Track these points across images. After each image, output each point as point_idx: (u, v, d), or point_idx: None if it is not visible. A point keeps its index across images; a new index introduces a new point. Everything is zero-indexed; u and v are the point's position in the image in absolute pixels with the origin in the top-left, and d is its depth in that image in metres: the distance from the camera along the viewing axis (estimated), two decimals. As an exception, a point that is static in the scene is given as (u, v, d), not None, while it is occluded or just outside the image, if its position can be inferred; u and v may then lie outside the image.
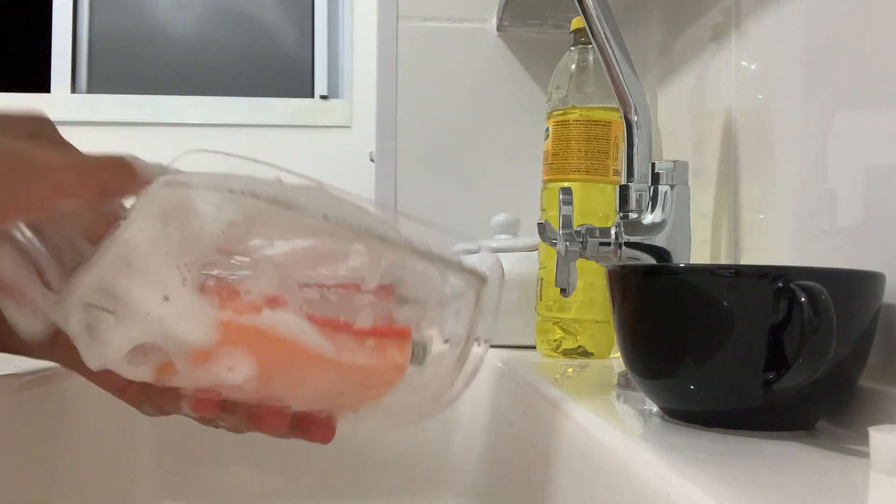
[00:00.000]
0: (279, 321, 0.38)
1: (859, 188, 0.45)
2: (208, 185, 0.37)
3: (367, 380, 0.42)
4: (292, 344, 0.38)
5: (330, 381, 0.41)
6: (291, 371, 0.40)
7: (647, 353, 0.42)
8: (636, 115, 0.57)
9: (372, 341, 0.41)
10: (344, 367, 0.40)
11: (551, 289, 0.73)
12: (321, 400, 0.43)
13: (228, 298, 0.38)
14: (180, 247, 0.37)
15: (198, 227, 0.37)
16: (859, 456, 0.34)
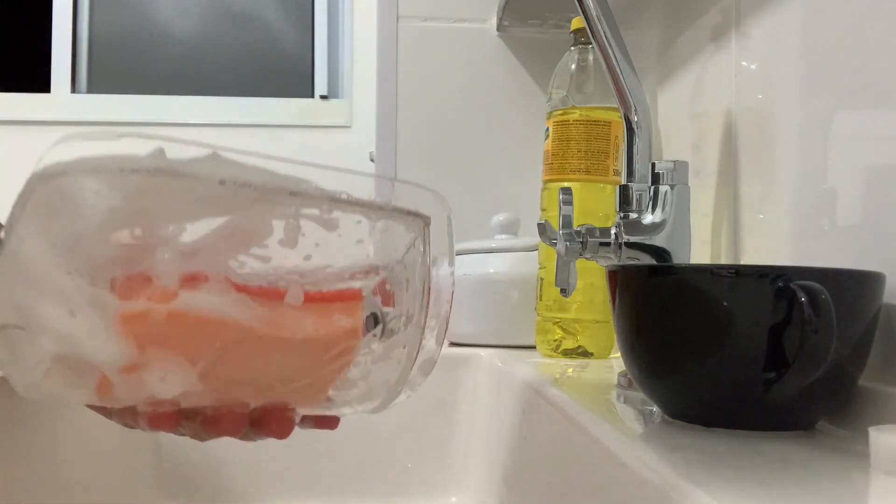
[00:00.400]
0: (202, 300, 0.34)
1: (859, 188, 0.45)
2: (85, 170, 0.32)
3: (320, 352, 0.38)
4: (224, 323, 0.34)
5: (279, 361, 0.37)
6: (233, 356, 0.36)
7: (647, 353, 0.42)
8: (636, 115, 0.57)
9: (313, 307, 0.36)
10: (289, 342, 0.36)
11: (551, 289, 0.73)
12: (280, 386, 0.39)
13: (141, 287, 0.33)
14: (70, 250, 0.33)
15: (82, 222, 0.33)
16: (859, 456, 0.34)
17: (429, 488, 0.78)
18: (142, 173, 0.32)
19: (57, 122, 2.20)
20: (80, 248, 0.33)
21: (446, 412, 0.79)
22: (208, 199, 0.34)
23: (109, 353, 0.33)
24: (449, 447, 0.78)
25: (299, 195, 0.35)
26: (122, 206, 0.32)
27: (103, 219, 0.32)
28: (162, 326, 0.34)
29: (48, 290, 0.33)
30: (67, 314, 0.33)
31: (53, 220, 0.33)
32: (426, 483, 0.78)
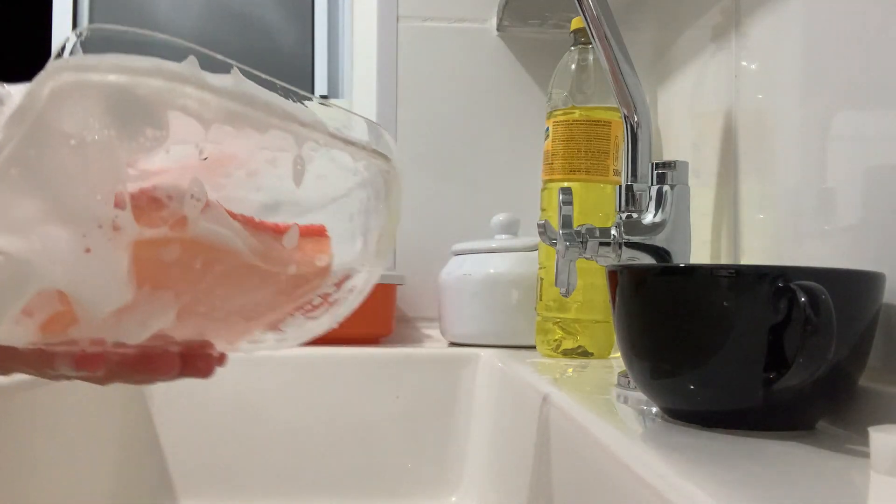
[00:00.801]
0: (210, 228, 0.32)
1: (859, 188, 0.45)
2: (113, 68, 0.29)
3: (294, 287, 0.37)
4: (226, 252, 0.33)
5: (256, 295, 0.36)
6: (219, 290, 0.34)
7: (647, 353, 0.42)
8: (636, 115, 0.57)
9: (294, 240, 0.36)
10: (274, 276, 0.35)
11: (551, 289, 0.73)
12: (242, 321, 0.38)
13: (152, 209, 0.31)
14: (94, 163, 0.29)
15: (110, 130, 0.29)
16: (859, 456, 0.34)
17: (429, 488, 0.78)
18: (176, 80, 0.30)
19: (57, 122, 2.20)
20: (107, 165, 0.29)
21: (446, 412, 0.79)
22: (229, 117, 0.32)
23: (111, 293, 0.30)
24: (449, 447, 0.78)
25: (309, 127, 0.34)
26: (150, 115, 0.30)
27: (128, 128, 0.30)
28: (174, 256, 0.32)
29: (65, 210, 0.29)
30: (81, 242, 0.29)
31: (85, 123, 0.29)
32: (426, 483, 0.78)
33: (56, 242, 0.29)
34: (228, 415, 0.77)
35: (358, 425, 0.78)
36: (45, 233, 0.29)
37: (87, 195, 0.29)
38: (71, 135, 0.29)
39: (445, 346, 0.87)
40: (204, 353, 0.39)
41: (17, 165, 0.28)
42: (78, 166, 0.29)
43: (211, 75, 0.31)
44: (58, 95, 0.28)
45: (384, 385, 0.79)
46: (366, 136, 0.37)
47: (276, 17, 2.43)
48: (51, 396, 0.58)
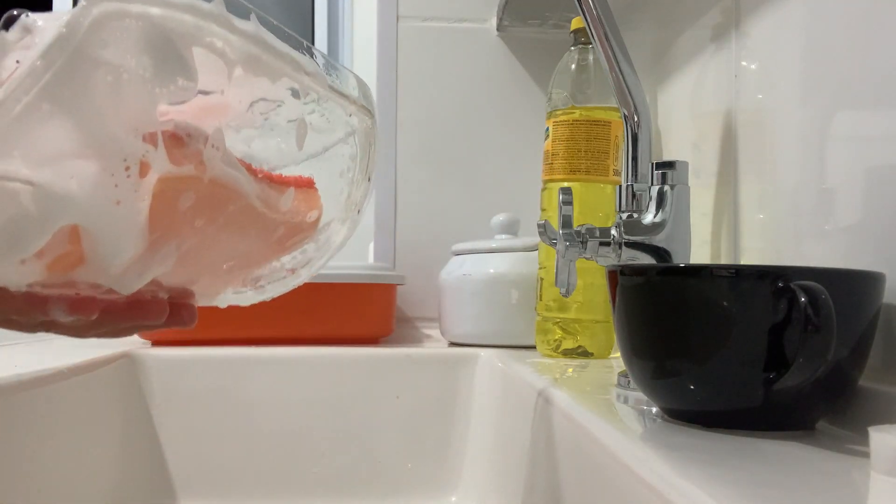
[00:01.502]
0: (224, 168, 0.32)
1: (859, 188, 0.45)
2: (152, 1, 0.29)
3: (286, 237, 0.37)
4: (238, 195, 0.33)
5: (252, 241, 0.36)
6: (221, 235, 0.34)
7: (647, 353, 0.42)
8: (636, 115, 0.57)
9: (291, 191, 0.36)
10: (273, 222, 0.35)
11: (551, 289, 0.73)
12: (228, 264, 0.37)
13: (174, 146, 0.31)
14: (129, 97, 0.29)
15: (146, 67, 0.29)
16: (859, 456, 0.34)
17: (428, 488, 0.78)
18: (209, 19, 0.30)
19: (57, 122, 2.20)
20: (135, 98, 0.29)
21: (446, 412, 0.79)
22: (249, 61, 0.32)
23: (130, 238, 0.30)
24: (449, 447, 0.78)
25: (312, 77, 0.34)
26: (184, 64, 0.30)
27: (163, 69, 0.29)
28: (190, 202, 0.31)
29: (97, 144, 0.28)
30: (110, 179, 0.28)
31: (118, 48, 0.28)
32: (426, 483, 0.78)
33: (86, 177, 0.28)
34: (228, 415, 0.77)
35: (358, 425, 0.78)
36: (75, 166, 0.28)
37: (120, 129, 0.29)
38: (109, 66, 0.28)
39: (445, 346, 0.87)
40: (187, 302, 0.38)
41: (52, 95, 0.27)
42: (113, 99, 0.28)
43: (236, 18, 0.31)
44: (99, 24, 0.28)
45: (384, 385, 0.79)
46: (355, 91, 0.37)
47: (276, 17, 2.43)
48: (51, 396, 0.58)
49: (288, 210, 0.36)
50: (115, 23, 0.28)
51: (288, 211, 0.36)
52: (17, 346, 0.75)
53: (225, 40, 0.31)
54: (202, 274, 0.37)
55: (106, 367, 0.69)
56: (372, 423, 0.79)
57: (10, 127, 0.27)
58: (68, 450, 0.60)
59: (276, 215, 0.35)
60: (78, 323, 0.35)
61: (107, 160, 0.29)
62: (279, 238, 0.37)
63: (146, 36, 0.29)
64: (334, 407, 0.78)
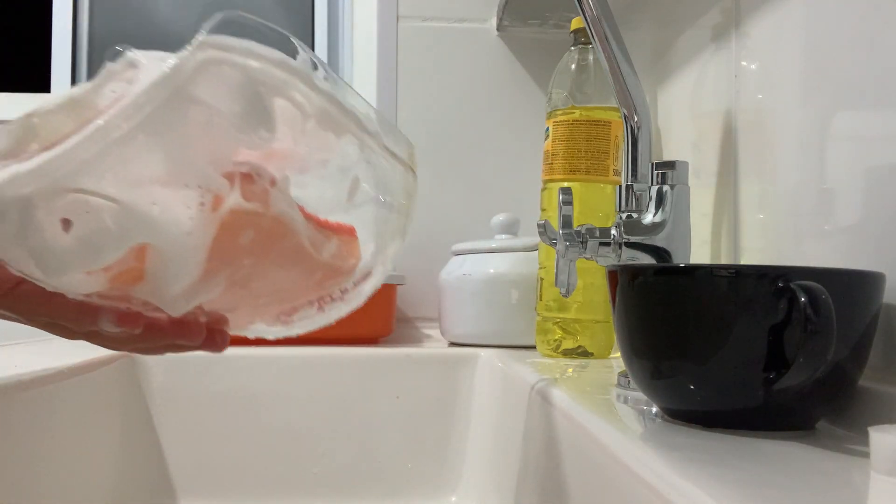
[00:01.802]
0: (284, 207, 0.35)
1: (859, 188, 0.45)
2: (249, 53, 0.32)
3: (325, 279, 0.39)
4: (291, 232, 0.35)
5: (295, 277, 0.38)
6: (269, 267, 0.36)
7: (647, 353, 0.42)
8: (636, 115, 0.57)
9: (335, 237, 0.38)
10: (317, 263, 0.37)
11: (551, 289, 0.73)
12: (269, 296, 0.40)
13: (246, 183, 0.33)
14: (217, 137, 0.32)
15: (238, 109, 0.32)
16: (859, 456, 0.34)
17: (428, 488, 0.78)
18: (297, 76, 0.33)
19: (57, 122, 2.20)
20: (221, 138, 0.32)
21: (446, 412, 0.79)
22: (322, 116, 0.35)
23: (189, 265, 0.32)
24: (448, 447, 0.78)
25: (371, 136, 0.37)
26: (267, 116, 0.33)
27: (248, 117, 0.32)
28: (249, 239, 0.34)
29: (181, 175, 0.31)
30: (185, 211, 0.31)
31: (211, 91, 0.31)
32: (426, 483, 0.78)
33: (166, 204, 0.31)
34: (228, 415, 0.77)
35: (358, 425, 0.78)
36: (158, 193, 0.31)
37: (203, 165, 0.32)
38: (204, 107, 0.31)
39: (445, 346, 0.87)
40: (221, 328, 0.41)
41: (149, 127, 0.30)
42: (202, 138, 0.31)
43: (316, 76, 0.34)
44: (201, 69, 0.31)
45: (384, 385, 0.79)
46: (404, 151, 0.40)
47: (276, 17, 2.43)
48: (51, 396, 0.58)
49: (331, 254, 0.38)
50: (215, 69, 0.31)
51: (331, 255, 0.38)
52: (17, 346, 0.75)
53: (306, 96, 0.34)
54: (242, 304, 0.39)
55: (106, 367, 0.69)
56: (372, 423, 0.79)
57: (106, 149, 0.29)
58: (68, 450, 0.60)
59: (319, 257, 0.37)
60: (121, 335, 0.37)
61: (187, 191, 0.32)
62: (318, 279, 0.39)
63: (240, 85, 0.32)
64: (334, 407, 0.78)
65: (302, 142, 0.35)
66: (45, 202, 0.30)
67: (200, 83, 0.31)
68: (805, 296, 0.35)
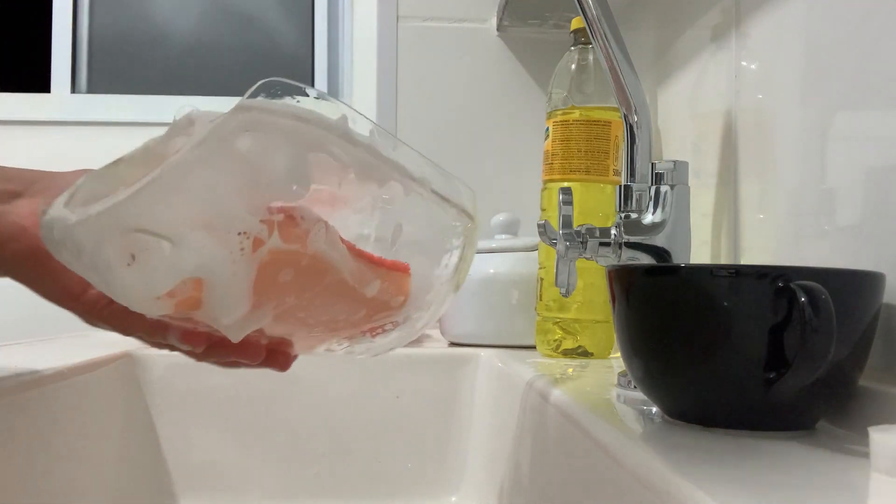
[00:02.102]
0: (325, 249, 0.38)
1: (859, 188, 0.45)
2: (286, 114, 0.36)
3: (373, 312, 0.42)
4: (332, 271, 0.39)
5: (343, 310, 0.41)
6: (315, 301, 0.40)
7: (647, 353, 0.42)
8: (636, 115, 0.57)
9: (384, 273, 0.41)
10: (362, 299, 0.41)
11: (551, 289, 0.73)
12: (321, 326, 0.43)
13: (288, 225, 0.37)
14: (258, 190, 0.36)
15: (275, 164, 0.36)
16: (859, 456, 0.34)
17: (428, 488, 0.78)
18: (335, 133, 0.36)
19: (57, 122, 2.20)
20: (268, 193, 0.36)
21: (446, 412, 0.79)
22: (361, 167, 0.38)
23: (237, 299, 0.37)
24: (449, 447, 0.78)
25: (417, 182, 0.40)
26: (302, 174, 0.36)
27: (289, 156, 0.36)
28: (289, 278, 0.37)
29: (224, 220, 0.35)
30: (230, 262, 0.35)
31: (251, 147, 0.35)
32: (426, 483, 0.78)
33: (211, 245, 0.35)
34: (228, 415, 0.77)
35: (358, 425, 0.78)
36: (205, 235, 0.35)
37: (243, 213, 0.36)
38: (244, 161, 0.35)
39: (445, 346, 0.87)
40: (284, 350, 0.46)
41: (196, 177, 0.35)
42: (242, 188, 0.35)
43: (355, 132, 0.38)
44: (243, 127, 0.35)
45: (384, 385, 0.79)
46: (461, 197, 0.43)
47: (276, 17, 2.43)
48: (51, 396, 0.58)
49: (376, 290, 0.41)
50: (256, 128, 0.35)
51: (376, 291, 0.41)
52: (17, 346, 0.75)
53: (343, 149, 0.37)
54: (297, 331, 0.44)
55: (106, 367, 0.69)
56: (372, 423, 0.79)
57: (161, 196, 0.34)
58: (68, 450, 0.60)
59: (363, 293, 0.41)
60: (189, 350, 0.44)
61: (228, 235, 0.36)
62: (365, 314, 0.42)
63: (277, 142, 0.36)
64: (335, 407, 0.78)
65: (346, 189, 0.39)
66: (112, 240, 0.35)
67: (240, 141, 0.35)
68: (805, 296, 0.35)
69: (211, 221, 0.35)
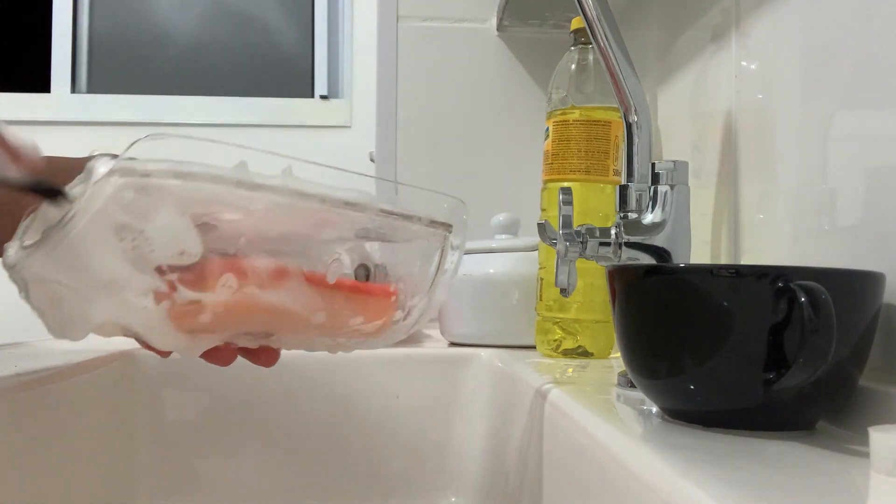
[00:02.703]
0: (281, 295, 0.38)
1: (859, 188, 0.45)
2: (167, 173, 0.35)
3: (351, 336, 0.43)
4: (292, 314, 0.39)
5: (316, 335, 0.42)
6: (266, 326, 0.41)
7: (647, 353, 0.42)
8: (636, 115, 0.57)
9: (360, 300, 0.41)
10: (333, 326, 0.41)
11: (551, 289, 0.73)
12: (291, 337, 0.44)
13: (192, 276, 0.37)
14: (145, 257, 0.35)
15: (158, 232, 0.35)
16: (859, 456, 0.34)
17: (428, 488, 0.78)
18: (228, 184, 0.35)
19: (57, 122, 2.20)
20: (149, 245, 0.35)
21: (446, 412, 0.79)
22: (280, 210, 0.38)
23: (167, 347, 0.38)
24: (448, 447, 0.78)
25: (355, 205, 0.40)
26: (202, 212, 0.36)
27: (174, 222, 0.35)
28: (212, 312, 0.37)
29: (109, 280, 0.35)
30: (128, 307, 0.36)
31: (132, 215, 0.34)
32: (425, 483, 0.78)
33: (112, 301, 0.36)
34: (228, 415, 0.77)
35: (358, 425, 0.78)
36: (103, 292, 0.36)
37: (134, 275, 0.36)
38: (125, 229, 0.35)
39: (445, 346, 0.87)
40: (267, 347, 0.46)
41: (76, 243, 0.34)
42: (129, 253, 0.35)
43: (260, 175, 0.37)
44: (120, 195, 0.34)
45: (384, 385, 0.79)
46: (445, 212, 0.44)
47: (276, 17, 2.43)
48: (51, 396, 0.58)
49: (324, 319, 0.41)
50: (135, 194, 0.34)
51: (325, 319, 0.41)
52: (17, 346, 0.75)
53: (248, 199, 0.36)
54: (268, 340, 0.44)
55: (105, 367, 0.69)
56: (372, 423, 0.79)
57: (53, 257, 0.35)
58: (68, 450, 0.60)
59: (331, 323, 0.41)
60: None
61: (125, 293, 0.36)
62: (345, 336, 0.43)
63: (158, 206, 0.35)
64: (334, 407, 0.78)
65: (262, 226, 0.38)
66: (34, 286, 0.36)
67: (117, 213, 0.34)
68: (805, 296, 0.35)
69: (105, 283, 0.35)
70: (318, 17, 2.40)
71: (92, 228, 0.34)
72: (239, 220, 0.37)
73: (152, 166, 0.35)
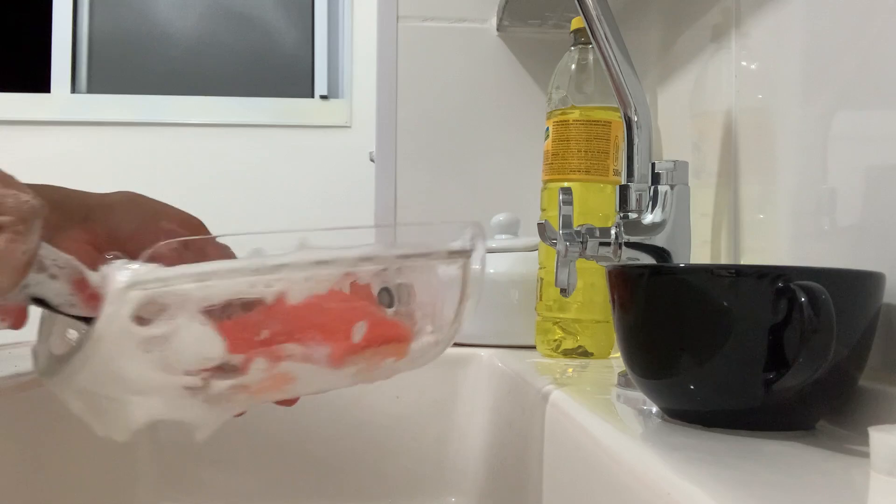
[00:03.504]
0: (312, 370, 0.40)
1: (859, 188, 0.45)
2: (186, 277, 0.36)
3: (364, 379, 0.44)
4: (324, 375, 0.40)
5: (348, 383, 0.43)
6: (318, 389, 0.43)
7: (647, 353, 0.42)
8: (636, 115, 0.57)
9: (371, 352, 0.42)
10: (365, 372, 0.42)
11: (551, 289, 0.73)
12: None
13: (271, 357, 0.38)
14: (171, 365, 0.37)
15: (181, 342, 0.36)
16: (859, 456, 0.34)
17: (428, 488, 0.78)
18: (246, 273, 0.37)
19: (57, 122, 2.20)
20: (175, 355, 0.36)
21: (446, 412, 0.79)
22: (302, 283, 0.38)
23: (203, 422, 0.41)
24: (448, 447, 0.78)
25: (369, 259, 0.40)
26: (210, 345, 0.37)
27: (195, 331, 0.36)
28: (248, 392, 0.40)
29: (144, 388, 0.37)
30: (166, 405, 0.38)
31: (154, 327, 0.36)
32: (425, 483, 0.78)
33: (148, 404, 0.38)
34: (228, 415, 0.77)
35: (358, 425, 0.78)
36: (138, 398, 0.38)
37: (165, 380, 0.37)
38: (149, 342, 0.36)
39: (445, 346, 0.87)
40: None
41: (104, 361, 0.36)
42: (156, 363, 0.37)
43: (276, 256, 0.38)
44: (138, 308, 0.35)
45: (384, 385, 0.79)
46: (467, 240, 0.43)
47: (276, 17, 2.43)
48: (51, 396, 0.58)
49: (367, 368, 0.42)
50: (152, 305, 0.35)
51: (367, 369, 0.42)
52: (17, 346, 0.75)
53: (266, 283, 0.37)
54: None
55: (106, 367, 0.69)
56: (372, 423, 0.79)
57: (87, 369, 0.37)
58: (68, 450, 0.60)
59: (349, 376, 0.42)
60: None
61: (160, 396, 0.38)
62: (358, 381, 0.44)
63: (178, 314, 0.36)
64: (334, 407, 0.78)
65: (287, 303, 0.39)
66: (72, 396, 0.39)
67: (138, 329, 0.36)
68: (805, 296, 0.35)
69: (140, 390, 0.37)
70: (318, 17, 2.40)
71: (117, 347, 0.36)
72: (263, 303, 0.38)
73: (169, 272, 0.36)
